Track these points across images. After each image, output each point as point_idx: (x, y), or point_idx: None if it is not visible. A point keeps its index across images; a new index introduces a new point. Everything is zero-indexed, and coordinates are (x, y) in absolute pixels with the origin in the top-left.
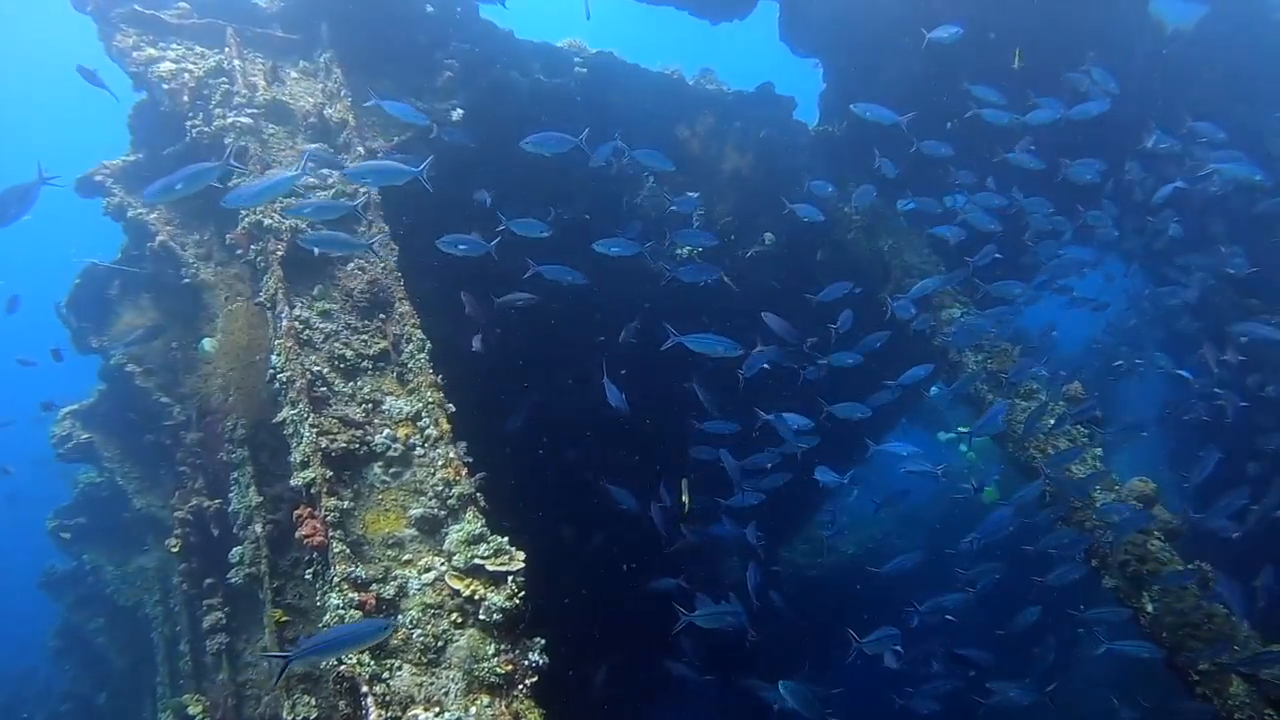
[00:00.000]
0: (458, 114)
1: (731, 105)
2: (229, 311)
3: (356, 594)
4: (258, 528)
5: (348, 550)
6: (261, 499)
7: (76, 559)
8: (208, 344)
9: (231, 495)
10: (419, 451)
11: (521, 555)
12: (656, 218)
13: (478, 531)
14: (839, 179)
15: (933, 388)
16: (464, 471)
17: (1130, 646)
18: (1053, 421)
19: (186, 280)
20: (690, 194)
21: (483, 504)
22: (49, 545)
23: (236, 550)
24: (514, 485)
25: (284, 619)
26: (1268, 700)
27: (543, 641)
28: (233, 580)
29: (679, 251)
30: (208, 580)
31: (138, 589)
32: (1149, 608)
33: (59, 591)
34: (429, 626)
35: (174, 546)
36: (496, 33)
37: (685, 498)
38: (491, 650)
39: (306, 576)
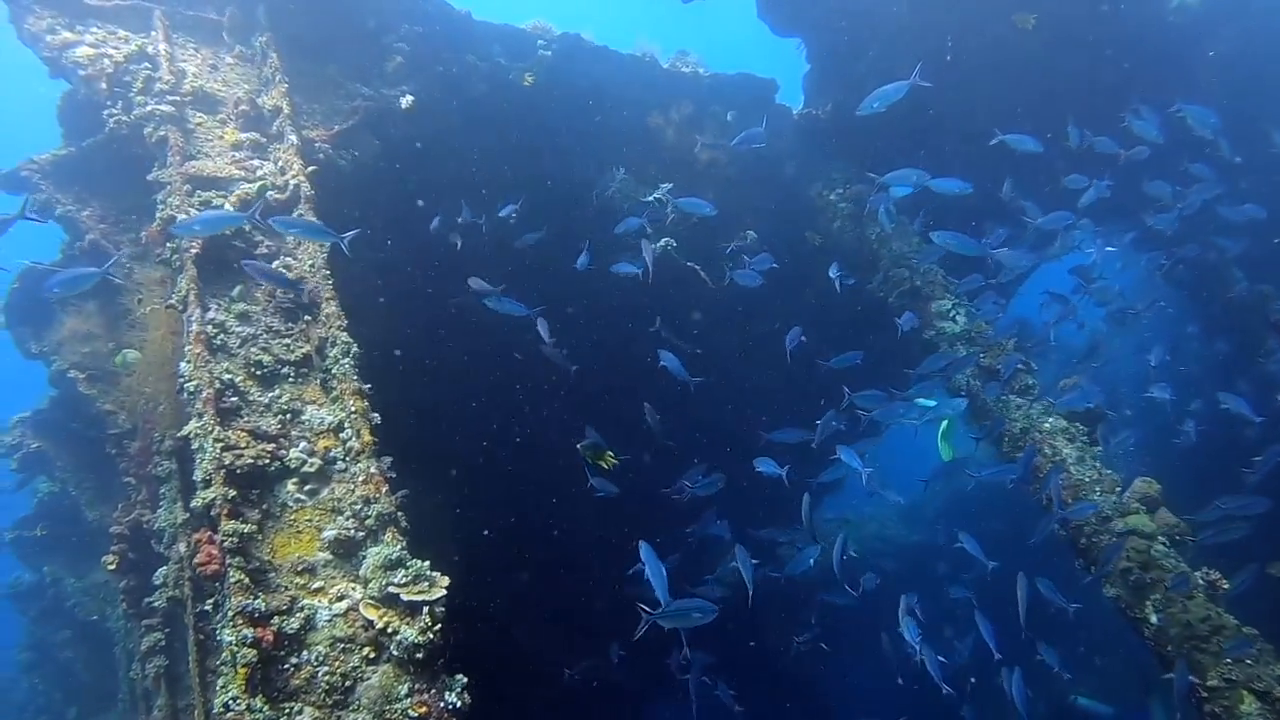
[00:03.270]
0: (407, 100)
1: (709, 89)
2: (152, 315)
3: (252, 630)
4: (182, 547)
5: (246, 579)
6: (187, 515)
7: (38, 571)
8: (129, 354)
9: (160, 511)
10: (339, 466)
11: (445, 582)
12: (628, 210)
13: (395, 555)
14: (824, 164)
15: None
16: (384, 488)
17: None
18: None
19: (119, 281)
20: (663, 185)
21: (404, 524)
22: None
23: (161, 571)
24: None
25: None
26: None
27: (464, 680)
28: (155, 603)
29: (653, 246)
30: (146, 600)
31: (100, 602)
32: (1153, 618)
33: (25, 604)
34: (337, 664)
35: (110, 564)
36: (453, 14)
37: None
38: (405, 690)
39: (206, 607)
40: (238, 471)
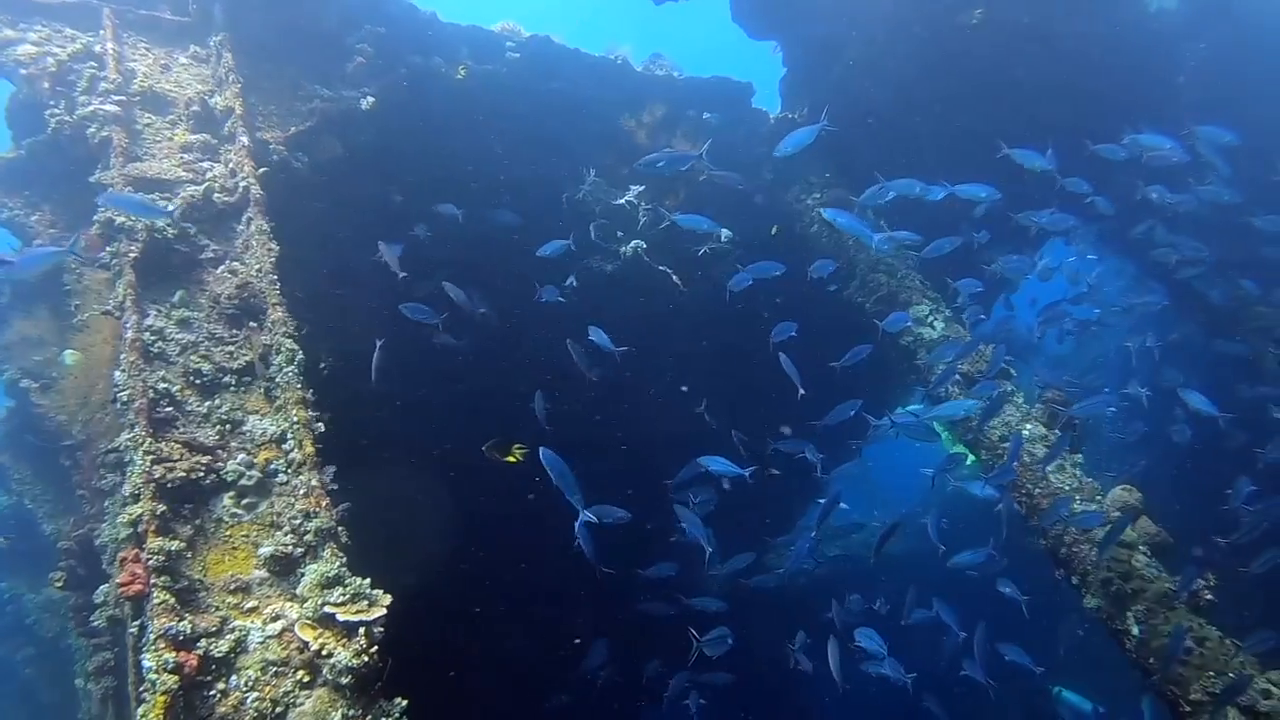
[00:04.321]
0: (369, 102)
1: (683, 93)
2: (95, 320)
3: (174, 655)
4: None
5: (172, 600)
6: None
7: None
8: (70, 355)
9: (104, 526)
10: (281, 479)
11: (386, 600)
12: (600, 212)
13: (334, 573)
14: (801, 168)
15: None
16: (325, 502)
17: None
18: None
19: (68, 286)
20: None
21: (345, 540)
22: None
23: (102, 589)
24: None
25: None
26: None
27: (404, 703)
28: (95, 623)
29: (624, 250)
30: (90, 618)
31: (60, 619)
32: (1134, 630)
33: None
34: (268, 689)
35: (57, 581)
36: (418, 15)
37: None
38: (338, 717)
39: (132, 631)
40: (169, 485)
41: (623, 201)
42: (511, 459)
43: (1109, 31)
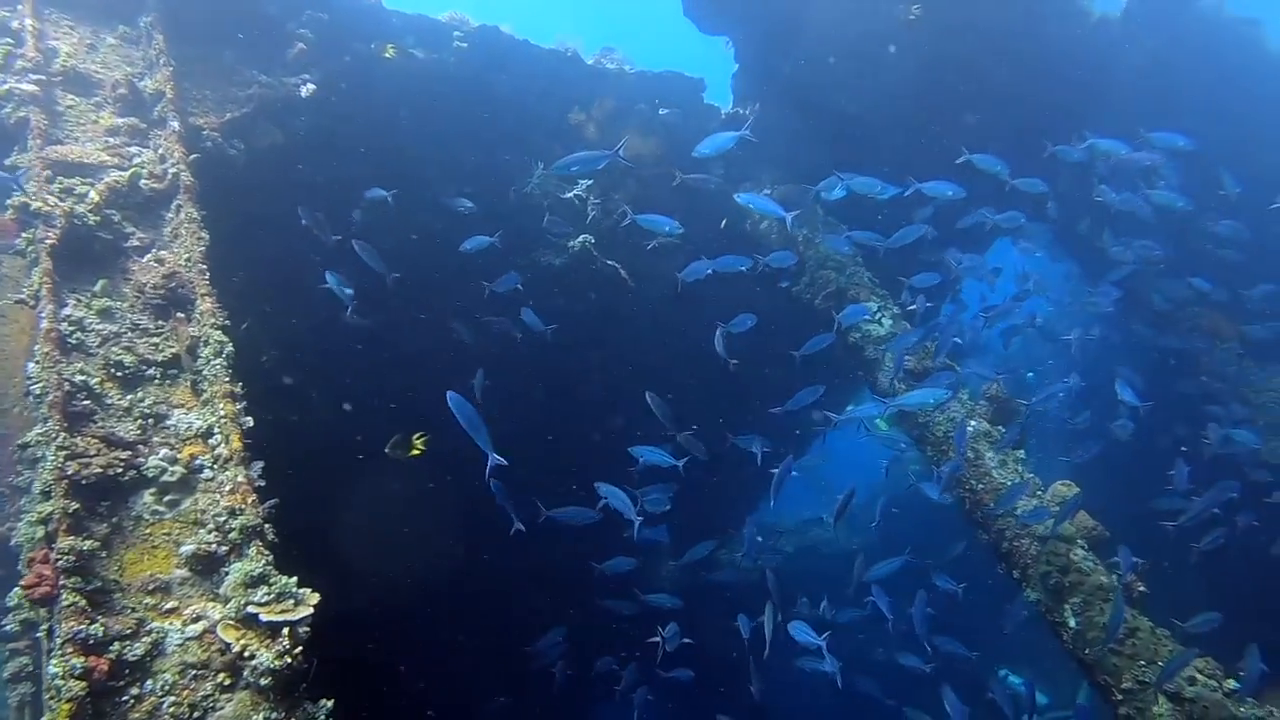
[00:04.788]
0: (309, 89)
1: (634, 86)
2: (8, 309)
3: (82, 660)
4: None
5: (83, 602)
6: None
7: None
8: None
9: (19, 525)
10: (206, 475)
11: (314, 599)
12: (548, 205)
13: (259, 571)
14: (752, 164)
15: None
16: (251, 498)
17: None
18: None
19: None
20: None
21: (271, 537)
22: None
23: (14, 591)
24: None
25: None
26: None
27: (329, 704)
28: (8, 627)
29: (572, 244)
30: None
31: None
32: (1071, 622)
33: None
34: (185, 693)
35: None
36: (362, 1)
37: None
38: (260, 719)
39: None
40: (84, 482)
41: (571, 195)
42: (415, 452)
43: (1053, 35)
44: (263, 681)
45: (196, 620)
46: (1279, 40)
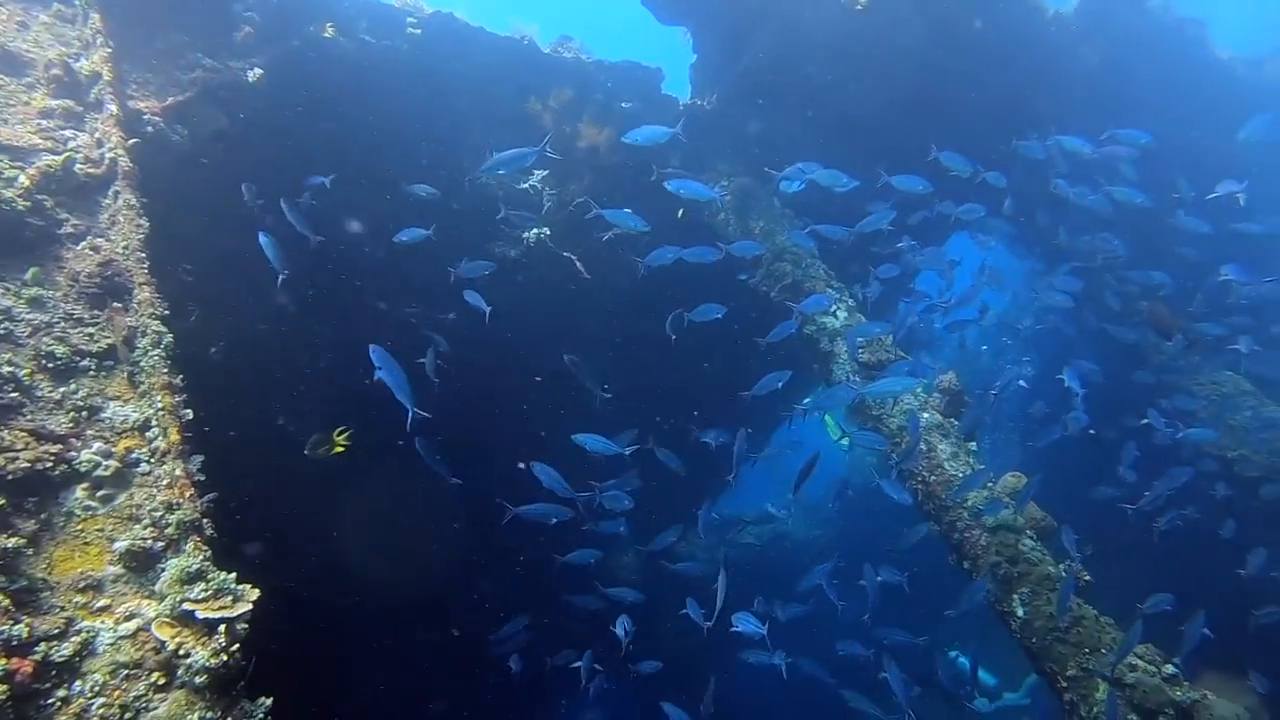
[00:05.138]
0: (256, 74)
1: (592, 76)
2: None
3: (4, 662)
4: None
5: (7, 602)
6: None
7: None
8: None
9: None
10: (143, 469)
11: (254, 595)
12: (504, 197)
13: (196, 567)
14: (710, 156)
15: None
16: (190, 492)
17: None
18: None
19: None
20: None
21: (210, 532)
22: None
23: None
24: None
25: None
26: (1131, 705)
27: (268, 702)
28: None
29: (527, 236)
30: None
31: None
32: (1019, 611)
33: None
34: (117, 694)
35: None
36: None
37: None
38: (195, 719)
39: None
40: (10, 477)
41: (526, 186)
42: (339, 449)
43: (1008, 30)
44: (198, 680)
45: (130, 619)
46: (1222, 40)
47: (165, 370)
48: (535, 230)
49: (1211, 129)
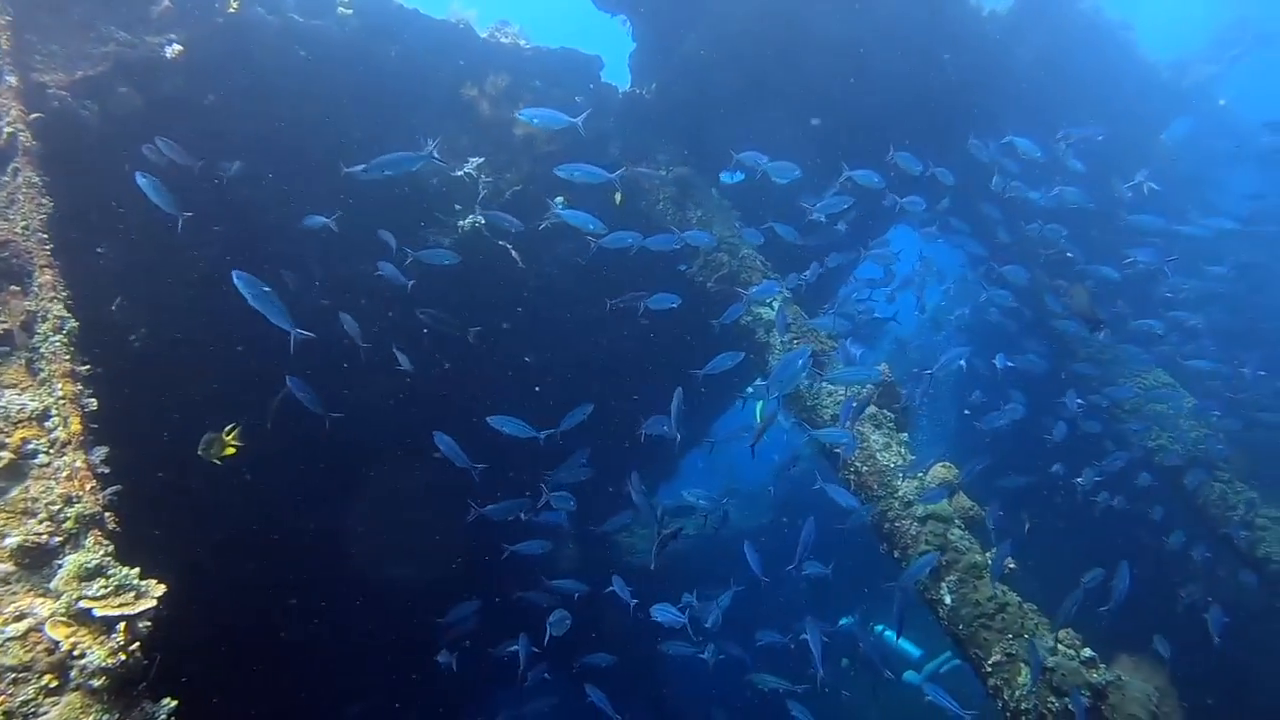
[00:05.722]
0: (174, 50)
1: (530, 63)
2: None
3: None
4: None
5: None
6: None
7: None
8: None
9: None
10: (40, 460)
11: (158, 591)
12: (439, 184)
13: (96, 563)
14: (649, 145)
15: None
16: (91, 485)
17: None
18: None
19: None
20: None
21: (112, 527)
22: None
23: None
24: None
25: None
26: (1050, 687)
27: (172, 704)
28: None
29: (461, 224)
30: None
31: None
32: (946, 599)
33: None
34: (3, 700)
35: None
36: None
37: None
38: None
39: None
40: None
41: (461, 174)
42: (230, 450)
43: (945, 25)
44: (95, 682)
45: (20, 618)
46: (1146, 44)
47: (67, 357)
48: (470, 219)
49: (1137, 128)
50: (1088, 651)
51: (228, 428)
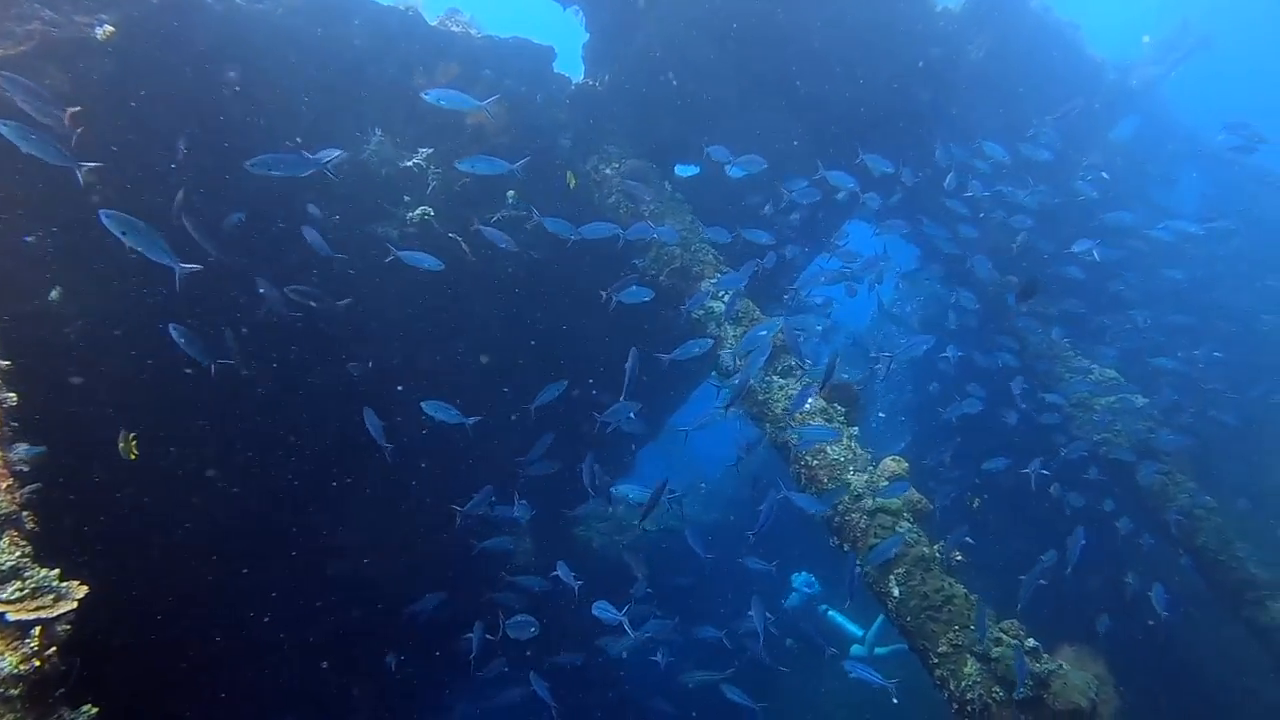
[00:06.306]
0: (105, 31)
1: (481, 52)
2: None
3: None
4: None
5: None
6: None
7: None
8: None
9: None
10: None
11: (79, 593)
12: (387, 175)
13: (12, 564)
14: (601, 137)
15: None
16: (8, 483)
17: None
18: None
19: None
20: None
21: (31, 526)
22: None
23: None
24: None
25: None
26: (996, 678)
27: (92, 710)
28: None
29: (410, 216)
30: None
31: None
32: (895, 592)
33: None
34: None
35: None
36: None
37: None
38: None
39: None
40: None
41: (411, 164)
42: (133, 456)
43: (898, 20)
44: (8, 690)
45: None
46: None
47: None
48: (420, 210)
49: (1086, 126)
50: (1031, 642)
51: (127, 436)
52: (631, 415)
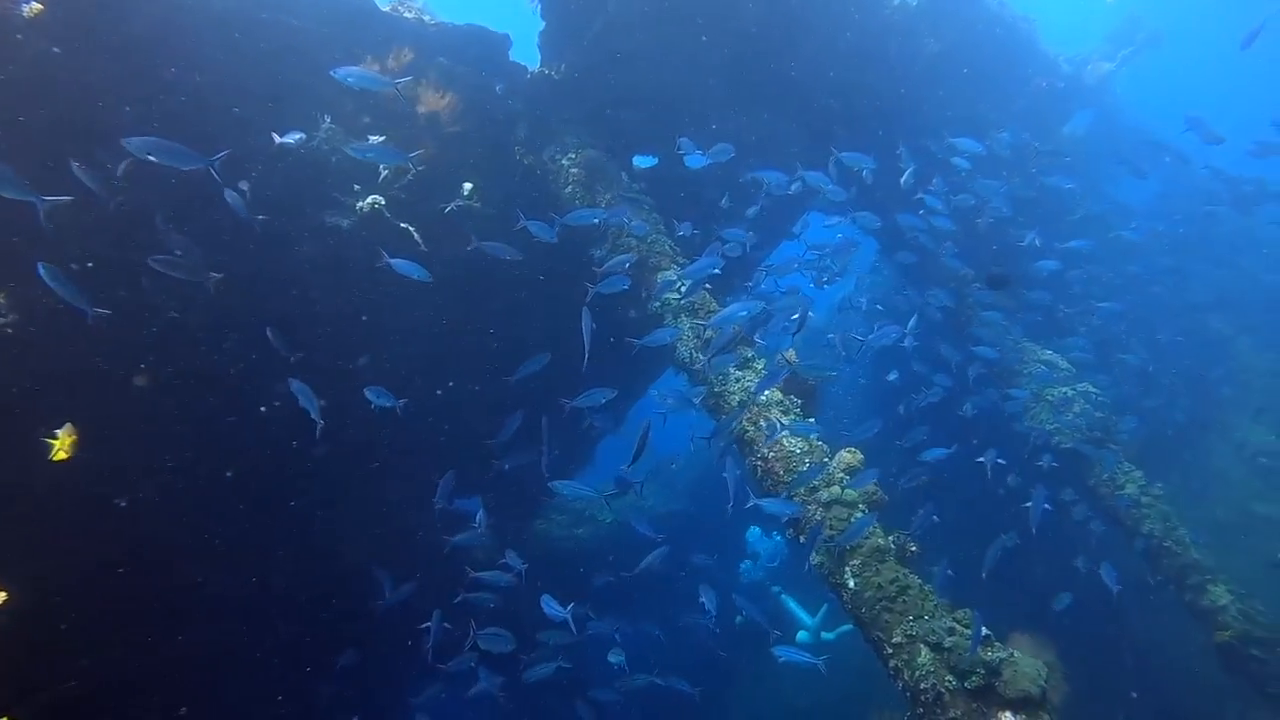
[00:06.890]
0: (32, 9)
1: (434, 39)
2: None
3: None
4: None
5: None
6: None
7: None
8: None
9: None
10: None
11: None
12: (338, 163)
13: None
14: (557, 127)
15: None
16: None
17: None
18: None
19: None
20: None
21: None
22: None
23: None
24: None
25: None
26: (949, 667)
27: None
28: None
29: (360, 205)
30: None
31: None
32: (850, 583)
33: None
34: None
35: None
36: None
37: None
38: None
39: None
40: None
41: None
42: (62, 455)
43: (853, 14)
44: None
45: None
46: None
47: None
48: (370, 199)
49: (1040, 119)
50: (984, 631)
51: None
52: (603, 401)
